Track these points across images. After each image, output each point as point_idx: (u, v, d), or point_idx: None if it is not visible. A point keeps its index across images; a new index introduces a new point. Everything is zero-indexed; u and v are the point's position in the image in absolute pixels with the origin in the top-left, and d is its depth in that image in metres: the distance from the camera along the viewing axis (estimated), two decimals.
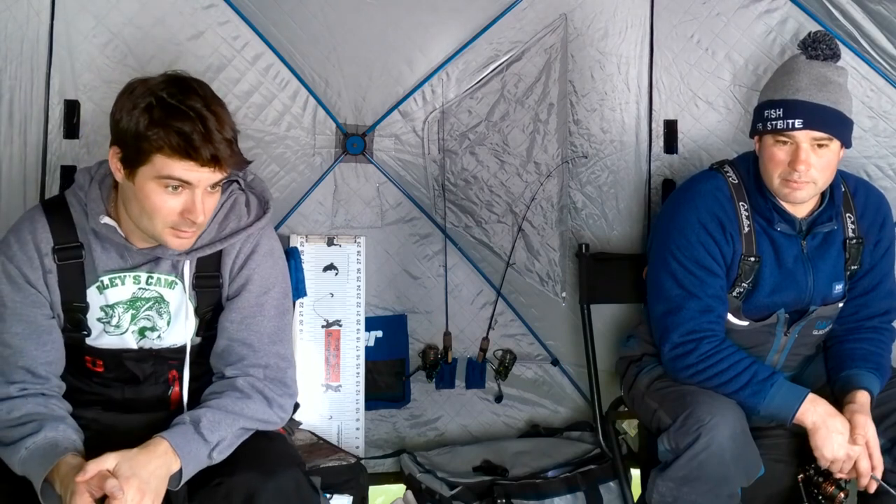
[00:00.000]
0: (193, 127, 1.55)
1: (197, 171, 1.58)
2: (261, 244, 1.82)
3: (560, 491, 2.40)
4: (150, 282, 1.77)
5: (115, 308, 1.76)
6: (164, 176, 1.58)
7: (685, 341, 2.08)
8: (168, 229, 1.64)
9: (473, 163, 2.72)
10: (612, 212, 2.79)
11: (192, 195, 1.60)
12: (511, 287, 2.81)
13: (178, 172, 1.57)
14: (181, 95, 1.57)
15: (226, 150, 1.58)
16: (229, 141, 1.59)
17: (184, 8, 2.43)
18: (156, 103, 1.56)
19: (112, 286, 1.75)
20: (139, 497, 1.49)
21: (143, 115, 1.55)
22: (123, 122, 1.59)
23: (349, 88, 2.63)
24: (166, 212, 1.61)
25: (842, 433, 1.95)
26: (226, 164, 1.60)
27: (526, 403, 2.89)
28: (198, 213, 1.60)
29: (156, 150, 1.55)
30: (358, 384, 2.60)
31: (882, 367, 2.14)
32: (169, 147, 1.54)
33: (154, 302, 1.78)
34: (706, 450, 1.95)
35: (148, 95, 1.57)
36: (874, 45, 2.57)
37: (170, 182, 1.58)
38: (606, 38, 2.71)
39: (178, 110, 1.55)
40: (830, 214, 2.15)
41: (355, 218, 2.71)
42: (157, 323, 1.79)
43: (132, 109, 1.57)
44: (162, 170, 1.57)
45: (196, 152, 1.55)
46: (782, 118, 2.00)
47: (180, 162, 1.56)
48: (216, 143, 1.56)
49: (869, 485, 1.97)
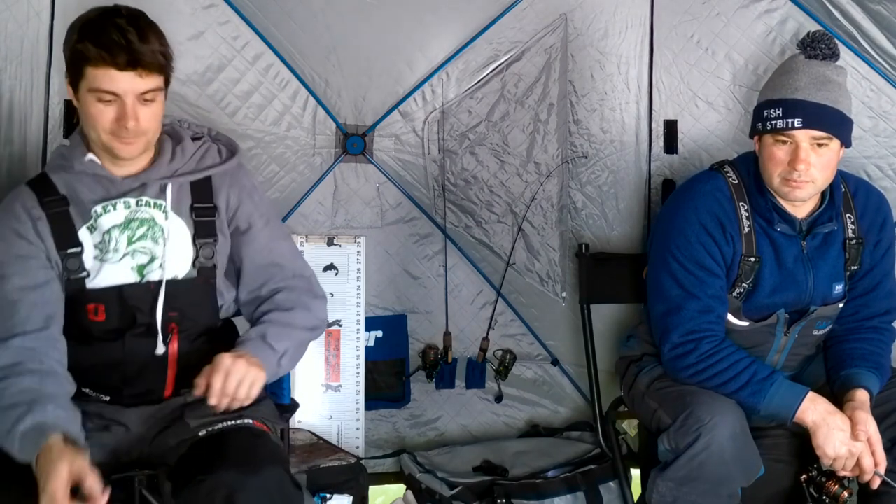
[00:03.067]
0: (111, 35, 1.65)
1: (119, 79, 1.67)
2: (245, 185, 1.94)
3: (560, 491, 2.41)
4: (141, 204, 1.83)
5: (111, 232, 1.82)
6: (94, 88, 1.68)
7: (685, 341, 2.08)
8: (110, 137, 1.73)
9: (473, 163, 2.72)
10: (612, 212, 2.79)
11: (123, 104, 1.69)
12: (511, 287, 2.81)
13: (103, 82, 1.67)
14: (107, 14, 1.70)
15: (145, 55, 1.67)
16: (151, 49, 1.69)
17: (184, 8, 2.43)
18: (85, 23, 1.70)
19: (105, 213, 1.81)
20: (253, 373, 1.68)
21: (74, 34, 1.70)
22: (64, 47, 1.75)
23: (349, 88, 2.63)
24: (103, 121, 1.71)
25: (843, 430, 1.94)
26: (147, 68, 1.68)
27: (526, 403, 2.90)
28: (128, 118, 1.69)
29: (83, 62, 1.67)
30: (358, 384, 2.60)
31: (882, 367, 2.13)
32: (91, 57, 1.66)
33: (148, 227, 1.83)
34: (706, 450, 1.94)
35: (80, 20, 1.72)
36: (874, 45, 2.57)
37: (99, 94, 1.68)
38: (606, 38, 2.71)
39: (100, 24, 1.68)
40: (830, 215, 2.15)
41: (355, 218, 2.71)
42: (154, 251, 1.84)
43: (69, 33, 1.73)
44: (92, 82, 1.68)
45: (113, 57, 1.65)
46: (782, 117, 2.00)
47: (103, 70, 1.66)
48: (135, 47, 1.66)
49: (872, 481, 1.96)
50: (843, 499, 2.02)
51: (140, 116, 1.71)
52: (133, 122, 1.70)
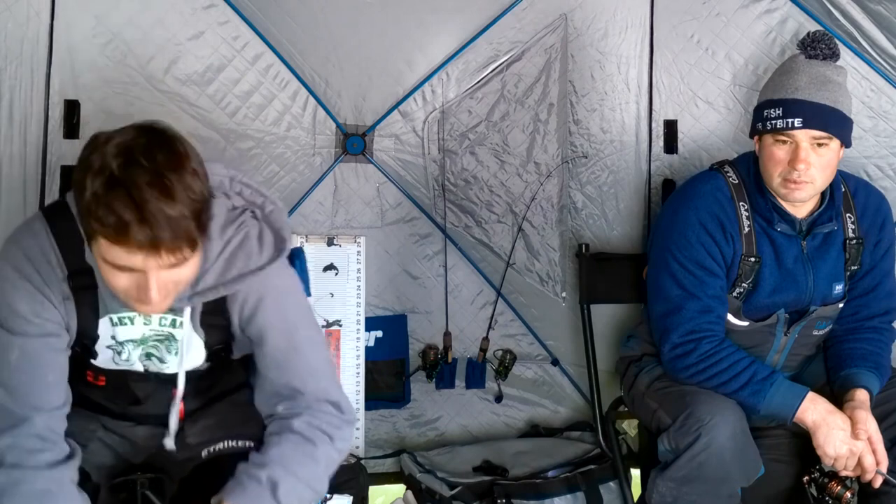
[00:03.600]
0: (126, 208, 1.32)
1: (137, 258, 1.37)
2: (269, 288, 1.64)
3: (560, 491, 2.41)
4: (163, 323, 1.65)
5: (125, 345, 1.66)
6: (107, 260, 1.41)
7: (685, 341, 2.08)
8: (131, 300, 1.48)
9: (473, 163, 2.72)
10: (612, 212, 2.79)
11: (145, 277, 1.41)
12: (511, 287, 2.81)
13: (117, 258, 1.38)
14: (125, 167, 1.34)
15: (170, 232, 1.35)
16: (178, 217, 1.36)
17: (184, 8, 2.43)
18: (100, 175, 1.35)
19: (122, 325, 1.64)
20: None
21: (89, 186, 1.36)
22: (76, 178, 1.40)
23: (349, 88, 2.63)
24: (120, 290, 1.46)
25: (843, 429, 1.94)
26: (172, 246, 1.37)
27: (526, 403, 2.89)
28: (149, 297, 1.42)
29: (93, 225, 1.37)
30: (358, 384, 2.60)
31: (881, 367, 2.14)
32: (102, 231, 1.35)
33: (165, 340, 1.67)
34: (706, 450, 1.94)
35: (98, 163, 1.36)
36: (874, 45, 2.57)
37: (114, 265, 1.41)
38: (606, 38, 2.71)
39: (116, 186, 1.33)
40: (830, 215, 2.15)
41: (355, 218, 2.71)
42: (164, 356, 1.68)
43: (83, 176, 1.37)
44: (104, 253, 1.39)
45: (129, 238, 1.34)
46: (782, 117, 2.00)
47: (117, 247, 1.36)
48: (156, 225, 1.33)
49: (874, 480, 1.96)
50: (846, 499, 2.02)
51: (168, 284, 1.44)
52: (157, 299, 1.44)
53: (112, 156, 1.35)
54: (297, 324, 1.69)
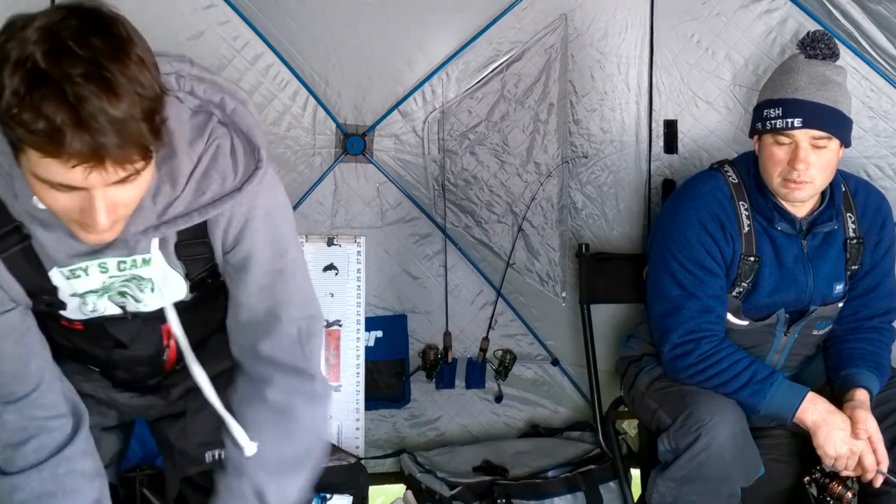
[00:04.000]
0: (59, 109, 1.04)
1: (77, 172, 1.09)
2: (256, 207, 1.42)
3: (560, 491, 2.41)
4: (122, 267, 1.39)
5: (87, 297, 1.42)
6: (39, 177, 1.12)
7: (685, 341, 2.08)
8: (74, 225, 1.22)
9: (473, 163, 2.72)
10: (612, 212, 2.79)
11: (88, 195, 1.14)
12: (511, 287, 2.81)
13: (51, 173, 1.10)
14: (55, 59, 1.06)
15: (116, 137, 1.07)
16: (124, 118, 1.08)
17: (184, 8, 2.43)
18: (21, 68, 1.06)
19: (75, 277, 1.37)
20: None
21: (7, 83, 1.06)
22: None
23: (349, 88, 2.63)
24: (62, 212, 1.19)
25: (843, 429, 1.94)
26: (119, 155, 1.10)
27: (526, 403, 2.89)
28: (96, 221, 1.16)
29: (19, 140, 1.09)
30: (358, 384, 2.60)
31: (881, 367, 2.13)
32: (29, 140, 1.07)
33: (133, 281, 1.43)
34: (706, 450, 1.94)
35: (17, 51, 1.06)
36: (874, 45, 2.57)
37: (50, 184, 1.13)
38: (606, 38, 2.71)
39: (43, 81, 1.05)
40: (831, 214, 2.15)
41: (355, 218, 2.71)
42: (138, 295, 1.45)
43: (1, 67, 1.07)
44: (35, 168, 1.11)
45: (64, 148, 1.06)
46: (781, 117, 2.00)
47: (50, 160, 1.08)
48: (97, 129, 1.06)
49: (875, 479, 1.96)
50: (847, 499, 2.02)
51: (117, 203, 1.18)
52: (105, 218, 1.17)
53: (34, 42, 1.06)
54: (286, 245, 1.49)
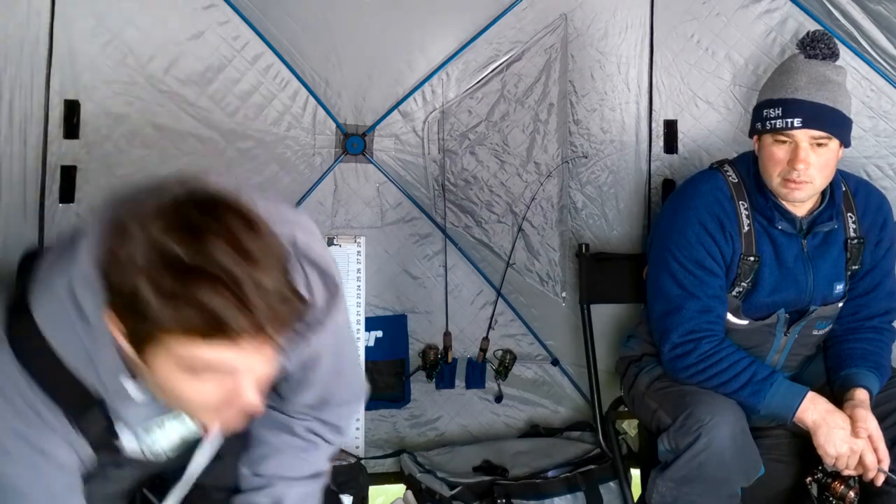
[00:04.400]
0: (217, 295, 1.03)
1: (237, 352, 1.07)
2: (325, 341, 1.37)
3: (560, 491, 2.40)
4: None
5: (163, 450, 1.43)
6: (188, 364, 1.09)
7: (685, 341, 2.08)
8: (210, 416, 1.19)
9: (473, 163, 2.72)
10: (612, 212, 2.79)
11: (238, 381, 1.11)
12: (511, 287, 2.81)
13: (208, 359, 1.08)
14: (197, 246, 1.03)
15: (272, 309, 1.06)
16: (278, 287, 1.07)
17: (184, 8, 2.43)
18: (167, 267, 1.03)
19: (149, 434, 1.38)
20: None
21: (146, 285, 1.03)
22: (120, 289, 1.07)
23: (349, 88, 2.63)
24: (202, 406, 1.16)
25: (843, 428, 1.94)
26: (275, 328, 1.08)
27: (526, 403, 2.89)
28: (244, 399, 1.12)
29: (167, 332, 1.06)
30: None
31: (881, 367, 2.13)
32: (185, 329, 1.05)
33: None
34: (706, 450, 1.94)
35: (147, 249, 1.04)
36: (874, 45, 2.57)
37: (195, 371, 1.10)
38: (606, 38, 2.71)
39: (196, 272, 1.03)
40: (831, 213, 2.14)
41: (355, 218, 2.71)
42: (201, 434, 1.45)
43: (129, 276, 1.04)
44: (181, 356, 1.08)
45: (229, 331, 1.04)
46: (781, 117, 2.00)
47: (208, 344, 1.06)
48: (259, 304, 1.04)
49: (876, 477, 1.95)
50: (850, 499, 2.01)
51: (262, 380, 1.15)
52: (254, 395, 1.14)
53: (165, 239, 1.03)
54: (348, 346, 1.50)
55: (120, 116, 2.42)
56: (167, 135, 2.47)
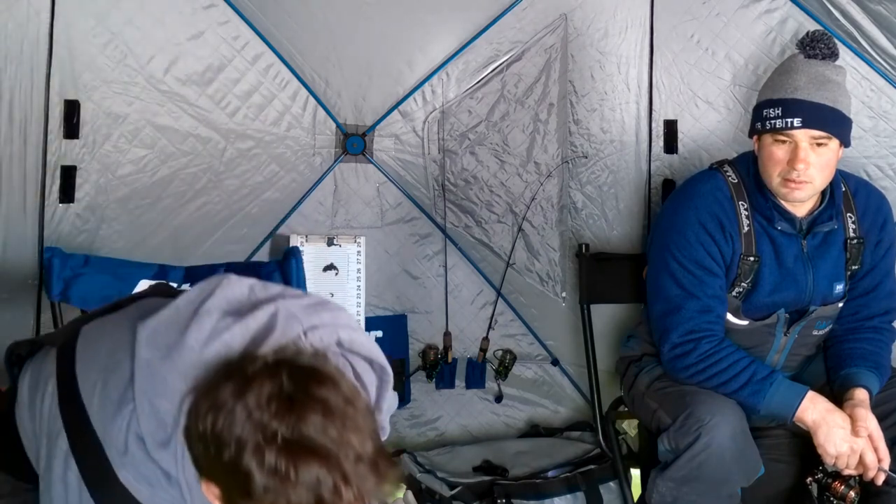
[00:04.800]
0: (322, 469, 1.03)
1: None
2: None
3: (560, 491, 2.41)
4: None
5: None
6: None
7: (684, 341, 2.08)
8: None
9: (473, 163, 2.72)
10: (612, 212, 2.79)
11: None
12: (511, 287, 2.81)
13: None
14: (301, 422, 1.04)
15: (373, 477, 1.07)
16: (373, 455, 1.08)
17: (184, 8, 2.43)
18: (273, 446, 1.02)
19: None
20: None
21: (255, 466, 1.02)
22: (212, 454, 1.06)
23: (349, 88, 2.63)
24: None
25: (843, 427, 1.94)
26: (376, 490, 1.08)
27: (526, 403, 2.89)
28: None
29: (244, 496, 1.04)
30: None
31: (881, 367, 2.13)
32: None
33: None
34: (706, 450, 1.94)
35: (252, 429, 1.03)
36: (874, 45, 2.56)
37: None
38: (606, 38, 2.71)
39: (303, 449, 1.03)
40: (831, 214, 2.14)
41: (355, 218, 2.71)
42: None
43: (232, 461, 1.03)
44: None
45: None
46: (781, 117, 2.00)
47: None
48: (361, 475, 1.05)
49: (876, 476, 1.95)
50: (851, 498, 2.01)
51: None
52: None
53: (269, 417, 1.03)
54: None
55: (120, 116, 2.42)
56: (167, 135, 2.47)
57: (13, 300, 2.35)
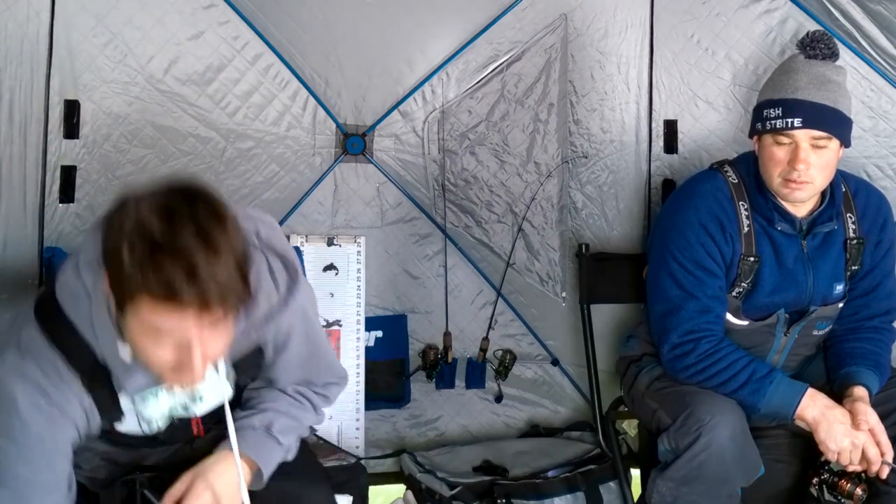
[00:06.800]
0: (176, 269, 1.25)
1: (185, 321, 1.29)
2: (295, 317, 1.63)
3: (560, 491, 2.40)
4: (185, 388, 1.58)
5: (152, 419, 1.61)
6: (147, 328, 1.32)
7: (684, 341, 2.08)
8: (167, 373, 1.40)
9: (473, 163, 2.72)
10: (612, 212, 2.79)
11: (187, 344, 1.33)
12: (511, 287, 2.81)
13: (162, 322, 1.30)
14: (169, 228, 1.26)
15: (219, 289, 1.28)
16: (226, 275, 1.29)
17: (184, 8, 2.43)
18: (139, 239, 1.26)
19: (144, 402, 1.58)
20: None
21: (126, 248, 1.27)
22: (108, 247, 1.32)
23: (349, 88, 2.63)
24: (157, 363, 1.37)
25: (843, 423, 1.94)
26: (220, 306, 1.30)
27: (526, 403, 2.89)
28: (195, 370, 1.34)
29: (135, 292, 1.28)
30: (358, 384, 2.60)
31: (881, 366, 2.13)
32: (147, 292, 1.27)
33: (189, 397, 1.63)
34: (706, 450, 1.94)
35: (133, 225, 1.27)
36: (874, 45, 2.57)
37: (154, 331, 1.32)
38: (606, 38, 2.71)
39: (162, 249, 1.26)
40: (831, 214, 2.15)
41: (355, 218, 2.71)
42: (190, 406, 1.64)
43: (117, 239, 1.29)
44: (147, 318, 1.30)
45: (179, 299, 1.26)
46: (781, 117, 2.00)
47: (163, 309, 1.28)
48: (205, 282, 1.26)
49: (880, 470, 1.95)
50: (858, 496, 2.01)
51: (209, 351, 1.36)
52: (200, 370, 1.36)
53: (151, 219, 1.26)
54: (317, 331, 1.75)
55: (120, 116, 2.42)
56: (167, 135, 2.47)
57: (13, 300, 2.35)
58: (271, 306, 1.58)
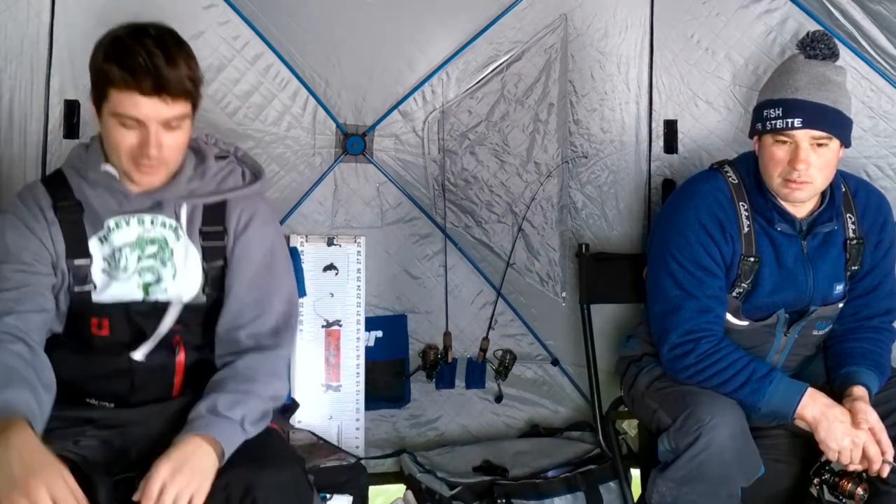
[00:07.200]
0: (137, 58, 1.60)
1: (144, 105, 1.61)
2: (259, 210, 1.88)
3: (560, 491, 2.40)
4: (154, 223, 1.80)
5: (122, 250, 1.78)
6: (117, 112, 1.63)
7: (684, 341, 2.08)
8: (130, 163, 1.69)
9: (473, 163, 2.72)
10: (612, 212, 2.79)
11: (146, 131, 1.64)
12: (511, 287, 2.81)
13: (126, 107, 1.62)
14: (135, 34, 1.65)
15: (171, 81, 1.62)
16: (178, 74, 1.64)
17: (184, 8, 2.42)
18: (110, 41, 1.66)
19: (117, 229, 1.78)
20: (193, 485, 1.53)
21: (100, 52, 1.66)
22: (90, 64, 1.69)
23: (349, 88, 2.63)
24: (125, 147, 1.67)
25: (843, 422, 1.94)
26: (173, 94, 1.63)
27: (526, 403, 2.89)
28: (150, 145, 1.64)
29: (107, 84, 1.62)
30: (358, 384, 2.60)
31: (881, 366, 2.13)
32: (114, 79, 1.61)
33: (158, 247, 1.80)
34: (706, 450, 1.94)
35: (108, 37, 1.68)
36: (874, 45, 2.57)
37: (123, 118, 1.64)
38: (606, 38, 2.71)
39: (127, 45, 1.63)
40: (831, 214, 2.15)
41: (355, 218, 2.71)
42: (161, 273, 1.80)
43: (95, 51, 1.68)
44: (115, 105, 1.63)
45: (138, 82, 1.60)
46: (781, 117, 2.00)
47: (127, 95, 1.61)
48: (161, 72, 1.61)
49: (881, 469, 1.95)
50: (859, 495, 2.01)
51: (163, 144, 1.67)
52: (155, 150, 1.66)
53: (122, 30, 1.67)
54: (276, 247, 1.91)
55: None
56: None
57: None
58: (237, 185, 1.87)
